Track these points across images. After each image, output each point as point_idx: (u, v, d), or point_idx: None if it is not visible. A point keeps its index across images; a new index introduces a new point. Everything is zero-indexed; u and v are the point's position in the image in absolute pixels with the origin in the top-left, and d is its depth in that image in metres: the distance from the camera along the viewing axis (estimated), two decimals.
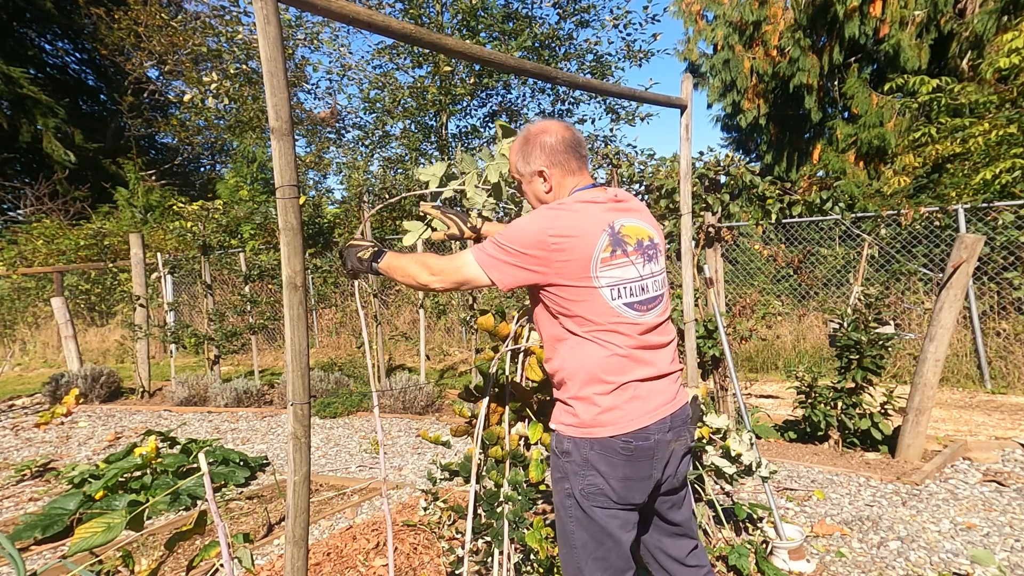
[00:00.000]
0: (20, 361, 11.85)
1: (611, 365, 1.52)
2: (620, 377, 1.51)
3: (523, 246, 1.50)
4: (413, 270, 1.60)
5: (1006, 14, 9.77)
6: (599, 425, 1.50)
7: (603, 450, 1.50)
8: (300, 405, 1.63)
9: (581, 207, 1.56)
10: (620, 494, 1.52)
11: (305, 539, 1.68)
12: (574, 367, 1.54)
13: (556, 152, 1.64)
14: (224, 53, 11.41)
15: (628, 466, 1.51)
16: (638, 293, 1.56)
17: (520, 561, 2.01)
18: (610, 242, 1.53)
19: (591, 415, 1.51)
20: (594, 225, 1.53)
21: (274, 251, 11.61)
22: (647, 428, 1.51)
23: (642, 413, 1.52)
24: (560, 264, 1.50)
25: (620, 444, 1.49)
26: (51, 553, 3.21)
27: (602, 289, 1.51)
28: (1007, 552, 2.84)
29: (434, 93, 11.33)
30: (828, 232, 8.21)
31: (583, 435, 1.52)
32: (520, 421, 2.06)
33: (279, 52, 1.52)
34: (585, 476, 1.52)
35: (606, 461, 1.50)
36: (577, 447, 1.53)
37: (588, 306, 1.52)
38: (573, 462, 1.54)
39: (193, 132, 14.86)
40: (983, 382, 6.52)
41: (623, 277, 1.54)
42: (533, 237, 1.50)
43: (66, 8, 17.85)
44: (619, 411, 1.50)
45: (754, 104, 13.27)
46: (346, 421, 6.07)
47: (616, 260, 1.53)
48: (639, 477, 1.53)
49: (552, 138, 1.65)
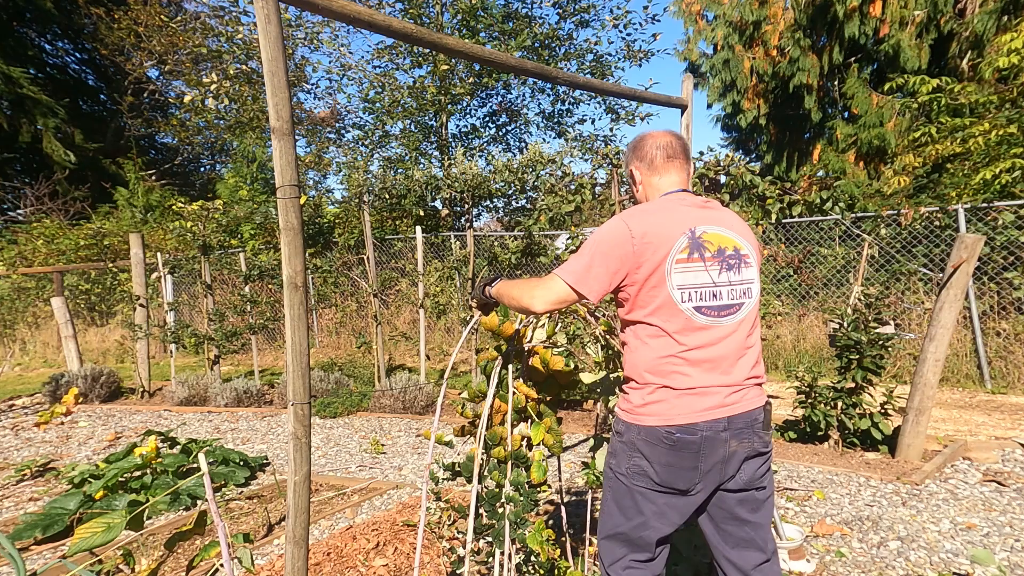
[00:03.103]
0: (20, 361, 11.85)
1: (669, 363, 1.58)
2: (676, 379, 1.58)
3: (605, 246, 1.58)
4: (516, 293, 1.69)
5: (1006, 14, 9.77)
6: (647, 414, 1.60)
7: (648, 437, 1.59)
8: (300, 405, 1.63)
9: (664, 208, 1.64)
10: (663, 477, 1.59)
11: (305, 539, 1.68)
12: (637, 359, 1.63)
13: (646, 153, 1.74)
14: (224, 53, 11.40)
15: (670, 455, 1.58)
16: (709, 299, 1.60)
17: (521, 562, 2.01)
18: (688, 245, 1.58)
19: (641, 403, 1.61)
20: (675, 226, 1.59)
21: (274, 251, 11.61)
22: (695, 424, 1.56)
23: (692, 411, 1.57)
24: (638, 262, 1.56)
25: (663, 434, 1.57)
26: (51, 553, 3.21)
27: (673, 291, 1.57)
28: (1007, 552, 2.84)
29: (433, 93, 11.33)
30: (828, 232, 8.21)
31: (633, 421, 1.62)
32: (523, 422, 2.06)
33: (280, 52, 1.52)
34: (631, 457, 1.63)
35: (650, 447, 1.59)
36: (628, 430, 1.64)
37: (658, 305, 1.58)
38: (624, 443, 1.65)
39: (193, 132, 14.86)
40: (983, 382, 6.53)
41: (694, 282, 1.58)
42: (613, 237, 1.58)
43: (66, 8, 17.84)
44: (666, 404, 1.58)
45: (754, 104, 13.27)
46: (346, 421, 6.07)
47: (691, 263, 1.58)
48: (682, 466, 1.59)
49: (648, 141, 1.76)
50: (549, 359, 2.03)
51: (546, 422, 2.02)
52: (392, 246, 11.02)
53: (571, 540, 2.72)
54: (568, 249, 5.07)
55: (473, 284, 6.63)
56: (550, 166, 6.25)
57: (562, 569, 2.24)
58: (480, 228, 15.67)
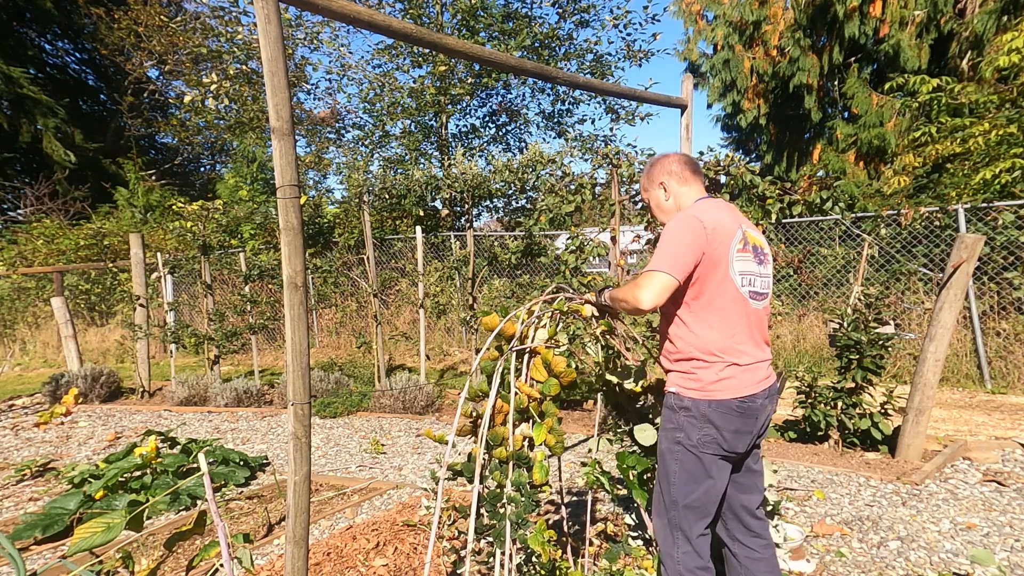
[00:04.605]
0: (20, 361, 11.85)
1: (733, 346, 1.86)
2: (740, 356, 1.86)
3: (686, 235, 1.81)
4: (622, 296, 1.92)
5: (1006, 14, 9.77)
6: (720, 390, 1.85)
7: (719, 408, 1.85)
8: (300, 405, 1.63)
9: (718, 207, 1.93)
10: (730, 443, 1.87)
11: (305, 539, 1.68)
12: (705, 340, 1.86)
13: (674, 169, 2.05)
14: (224, 53, 11.40)
15: (739, 421, 1.86)
16: (755, 286, 1.92)
17: (522, 562, 2.00)
18: (742, 237, 1.90)
19: (714, 380, 1.85)
20: (732, 222, 1.90)
21: (274, 251, 11.60)
22: (755, 395, 1.87)
23: (751, 383, 1.87)
24: (710, 250, 1.82)
25: (736, 404, 1.85)
26: (51, 553, 3.21)
27: (735, 276, 1.86)
28: (1007, 552, 2.84)
29: (432, 93, 11.33)
30: (828, 232, 8.21)
31: (704, 396, 1.86)
32: (524, 422, 2.06)
33: (280, 52, 1.52)
34: (702, 428, 1.87)
35: (722, 417, 1.85)
36: (696, 405, 1.87)
37: (721, 288, 1.84)
38: (693, 416, 1.88)
39: (193, 132, 14.86)
40: (983, 382, 6.52)
41: (748, 269, 1.90)
42: (691, 227, 1.82)
43: (66, 8, 17.83)
44: (735, 380, 1.85)
45: (754, 104, 13.27)
46: (346, 421, 6.07)
47: (744, 254, 1.89)
48: (746, 431, 1.89)
49: (672, 158, 2.08)
50: (551, 359, 2.03)
51: (548, 422, 2.01)
52: (392, 246, 11.02)
53: (572, 540, 2.72)
54: (568, 249, 5.06)
55: (473, 284, 6.65)
56: (550, 166, 6.25)
57: (563, 569, 2.24)
58: (480, 228, 15.67)
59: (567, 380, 2.03)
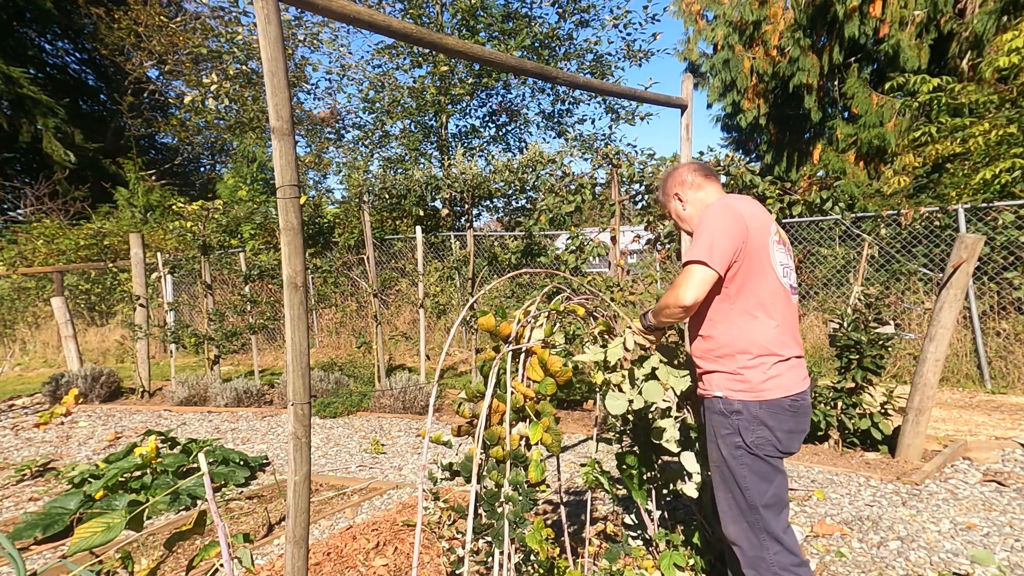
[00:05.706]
0: (20, 361, 11.85)
1: (777, 338, 1.81)
2: (784, 349, 1.82)
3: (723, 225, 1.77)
4: (664, 303, 1.89)
5: (1006, 14, 9.76)
6: (769, 389, 1.80)
7: (771, 408, 1.80)
8: (300, 405, 1.63)
9: (746, 200, 1.89)
10: (784, 444, 1.83)
11: (305, 539, 1.68)
12: (747, 335, 1.81)
13: (686, 179, 2.05)
14: (224, 53, 11.41)
15: (792, 420, 1.82)
16: (791, 279, 1.90)
17: (520, 561, 2.01)
18: (776, 229, 1.88)
19: (764, 379, 1.80)
20: (765, 215, 1.87)
21: (274, 251, 11.61)
22: (803, 392, 1.84)
23: (798, 380, 1.84)
24: (750, 239, 1.78)
25: (788, 403, 1.81)
26: (51, 553, 3.21)
27: (776, 266, 1.83)
28: (1007, 552, 2.84)
29: (433, 93, 11.33)
30: (828, 232, 8.21)
31: (755, 398, 1.81)
32: (521, 422, 2.06)
33: (280, 52, 1.52)
34: (755, 431, 1.81)
35: (774, 417, 1.80)
36: (747, 407, 1.82)
37: (762, 281, 1.81)
38: (744, 419, 1.82)
39: (193, 132, 14.87)
40: (983, 382, 6.52)
41: (784, 261, 1.87)
42: (728, 217, 1.79)
43: (66, 8, 17.84)
44: (784, 377, 1.81)
45: (754, 104, 13.27)
46: (346, 421, 6.07)
47: (780, 246, 1.88)
48: (799, 430, 1.85)
49: (679, 170, 2.08)
50: (547, 359, 2.03)
51: (544, 421, 2.02)
52: (392, 246, 11.02)
53: (570, 539, 2.72)
54: (568, 249, 5.06)
55: (473, 284, 6.66)
56: (550, 166, 6.25)
57: (561, 568, 2.25)
58: (480, 228, 15.68)
59: (563, 379, 2.03)
